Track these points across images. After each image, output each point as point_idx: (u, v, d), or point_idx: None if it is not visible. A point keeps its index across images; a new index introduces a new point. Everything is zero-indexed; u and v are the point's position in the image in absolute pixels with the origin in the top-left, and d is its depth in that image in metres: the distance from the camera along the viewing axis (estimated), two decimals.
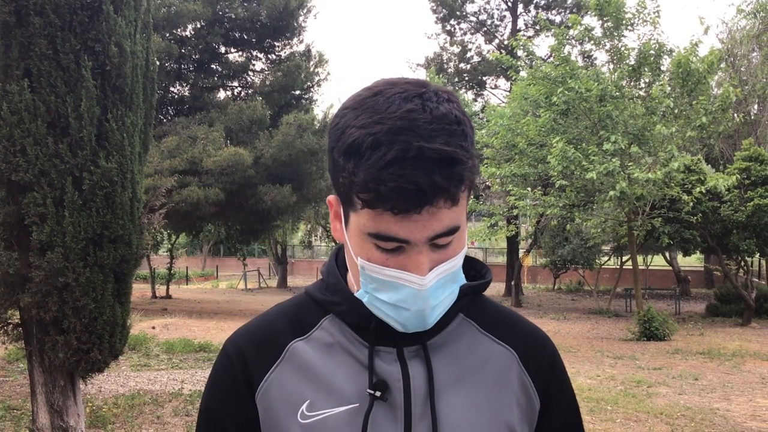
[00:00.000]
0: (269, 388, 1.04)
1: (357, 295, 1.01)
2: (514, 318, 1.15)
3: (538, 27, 26.45)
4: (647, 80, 15.15)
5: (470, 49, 32.88)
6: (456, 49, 32.98)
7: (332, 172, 0.96)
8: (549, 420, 1.11)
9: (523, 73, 16.83)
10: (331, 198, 1.02)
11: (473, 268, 1.12)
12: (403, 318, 0.97)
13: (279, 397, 1.03)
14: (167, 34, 20.00)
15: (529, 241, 24.36)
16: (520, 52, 16.53)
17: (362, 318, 1.02)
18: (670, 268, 27.34)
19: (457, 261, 0.97)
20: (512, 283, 24.00)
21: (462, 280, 1.02)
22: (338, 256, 1.11)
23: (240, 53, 22.74)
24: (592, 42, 15.35)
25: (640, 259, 24.00)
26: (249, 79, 23.09)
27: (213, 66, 22.19)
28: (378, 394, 0.99)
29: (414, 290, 0.93)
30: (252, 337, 1.09)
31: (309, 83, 22.83)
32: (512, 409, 1.05)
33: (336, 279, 1.07)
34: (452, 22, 32.41)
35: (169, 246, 27.97)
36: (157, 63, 9.16)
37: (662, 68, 14.93)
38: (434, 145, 0.87)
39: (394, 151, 0.86)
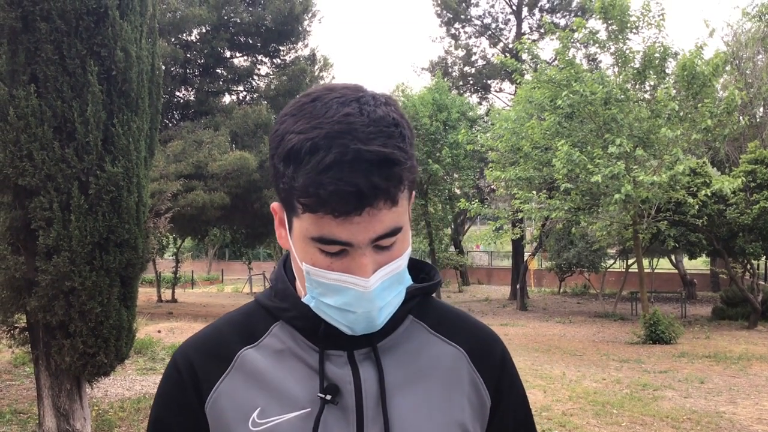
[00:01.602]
0: (219, 398, 1.04)
1: (304, 300, 1.01)
2: (464, 318, 1.17)
3: (542, 30, 26.43)
4: (652, 83, 15.14)
5: (475, 53, 32.97)
6: (461, 53, 33.07)
7: (273, 179, 0.96)
8: (500, 416, 1.12)
9: (527, 77, 16.84)
10: (275, 205, 1.02)
11: (422, 271, 1.13)
12: (350, 321, 0.97)
13: (229, 406, 1.03)
14: (173, 39, 20.08)
15: (534, 244, 24.32)
16: (524, 56, 16.54)
17: (312, 323, 1.02)
18: (676, 271, 27.25)
19: (402, 262, 0.98)
20: (517, 286, 23.96)
21: (408, 280, 1.02)
22: (286, 264, 1.12)
23: (245, 58, 22.82)
24: (596, 45, 15.34)
25: (645, 262, 23.93)
26: (254, 83, 23.18)
27: (218, 70, 22.27)
28: (329, 398, 1.00)
29: (359, 292, 0.94)
30: (200, 347, 1.08)
31: None
32: (464, 408, 1.07)
33: (284, 285, 1.08)
34: (457, 25, 32.49)
35: (175, 250, 28.02)
36: (163, 68, 9.19)
37: (667, 71, 14.92)
38: (372, 147, 0.88)
39: (333, 154, 0.87)
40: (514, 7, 31.39)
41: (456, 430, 1.05)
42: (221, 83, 22.35)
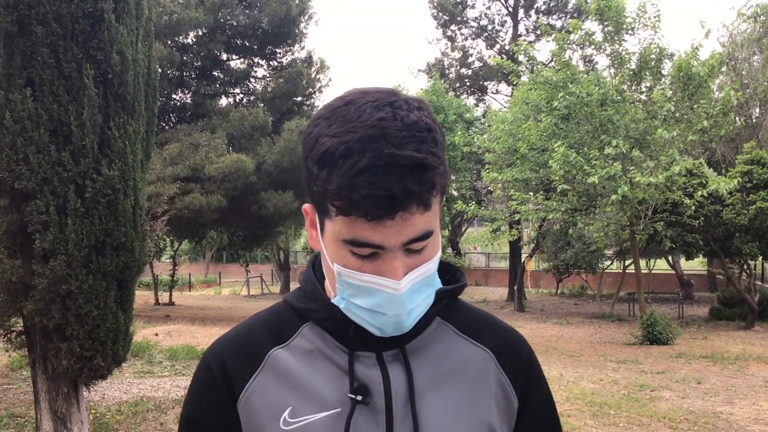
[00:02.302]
0: (251, 397, 1.05)
1: (334, 301, 1.02)
2: (490, 320, 1.18)
3: (539, 32, 26.47)
4: (648, 84, 15.18)
5: (471, 55, 32.98)
6: (457, 55, 33.07)
7: (306, 181, 0.97)
8: (527, 417, 1.13)
9: (524, 78, 16.85)
10: (307, 206, 1.04)
11: (448, 273, 1.15)
12: (380, 323, 0.98)
13: (261, 404, 1.04)
14: (169, 42, 20.07)
15: (532, 245, 24.34)
16: (521, 57, 16.56)
17: (341, 324, 1.03)
18: (673, 271, 27.30)
19: (432, 265, 0.99)
20: (515, 287, 23.97)
21: (438, 283, 1.03)
22: (315, 265, 1.13)
23: (242, 60, 22.81)
24: (592, 46, 15.38)
25: (642, 263, 23.98)
26: (251, 85, 23.15)
27: (215, 73, 22.25)
28: (359, 398, 1.01)
29: (390, 295, 0.95)
30: (232, 347, 1.10)
31: (311, 89, 22.89)
32: (491, 408, 1.08)
33: (313, 286, 1.09)
34: (453, 27, 32.49)
35: (172, 253, 27.99)
36: (159, 70, 9.19)
37: (663, 72, 14.96)
38: (405, 152, 0.89)
39: (367, 158, 0.88)
40: (510, 9, 31.43)
41: (484, 431, 1.06)
42: (218, 86, 22.34)
